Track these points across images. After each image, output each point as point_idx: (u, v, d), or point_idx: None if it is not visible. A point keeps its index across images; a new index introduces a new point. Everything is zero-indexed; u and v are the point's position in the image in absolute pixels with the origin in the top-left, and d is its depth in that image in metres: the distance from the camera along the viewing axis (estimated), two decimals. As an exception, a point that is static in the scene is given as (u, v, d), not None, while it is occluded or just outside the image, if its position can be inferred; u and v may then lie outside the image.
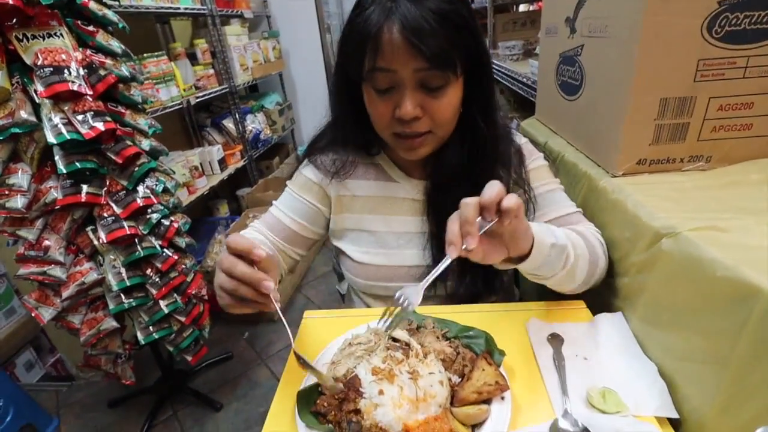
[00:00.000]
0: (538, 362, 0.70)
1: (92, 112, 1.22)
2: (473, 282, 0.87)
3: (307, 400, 0.61)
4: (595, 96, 0.92)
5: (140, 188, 1.38)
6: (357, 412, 0.60)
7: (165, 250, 1.47)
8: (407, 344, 0.70)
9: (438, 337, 0.71)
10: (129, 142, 1.32)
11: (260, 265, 0.59)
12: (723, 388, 0.54)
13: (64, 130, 1.18)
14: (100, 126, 1.21)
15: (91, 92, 1.23)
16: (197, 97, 2.30)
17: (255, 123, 2.98)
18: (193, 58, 2.47)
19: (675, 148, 0.82)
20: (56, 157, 1.21)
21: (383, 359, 0.63)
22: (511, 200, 0.55)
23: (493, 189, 0.55)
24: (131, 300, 1.41)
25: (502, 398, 0.60)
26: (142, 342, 1.47)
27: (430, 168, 0.87)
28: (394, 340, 0.71)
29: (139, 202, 1.35)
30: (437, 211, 0.87)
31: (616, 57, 0.79)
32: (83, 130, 1.19)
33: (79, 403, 1.94)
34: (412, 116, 0.71)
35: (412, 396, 0.59)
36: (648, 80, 0.75)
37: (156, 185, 1.42)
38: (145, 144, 1.41)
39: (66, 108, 1.20)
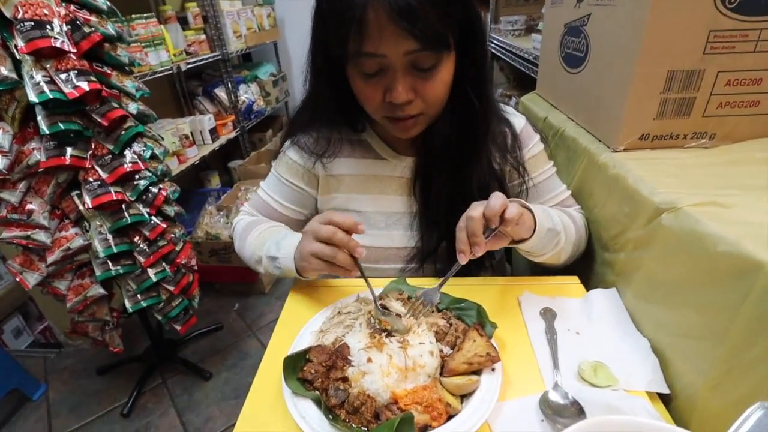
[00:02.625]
0: (530, 336, 0.69)
1: (76, 71, 1.17)
2: None
3: (294, 366, 0.60)
4: (600, 68, 0.89)
5: (127, 153, 1.34)
6: (345, 379, 0.59)
7: (153, 217, 1.44)
8: (399, 315, 0.68)
9: (432, 309, 0.70)
10: (115, 105, 1.27)
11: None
12: (717, 364, 0.53)
13: (46, 89, 1.13)
14: (84, 86, 1.16)
15: (74, 50, 1.18)
16: (188, 63, 2.23)
17: (248, 93, 2.91)
18: (184, 23, 2.39)
19: (679, 123, 0.80)
20: (39, 117, 1.16)
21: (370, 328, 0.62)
22: (513, 211, 0.61)
23: (496, 201, 0.61)
24: (118, 267, 1.39)
25: (493, 370, 0.59)
26: (130, 310, 1.45)
27: (419, 143, 0.83)
28: (385, 309, 0.70)
29: (126, 167, 1.31)
30: (425, 189, 0.84)
31: (624, 26, 0.76)
32: (66, 89, 1.14)
33: (68, 370, 1.94)
34: (404, 100, 0.67)
35: (401, 365, 0.57)
36: (656, 51, 0.72)
37: (143, 151, 1.38)
38: (132, 107, 1.36)
39: (48, 66, 1.15)
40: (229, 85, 2.69)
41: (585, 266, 0.90)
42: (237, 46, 2.72)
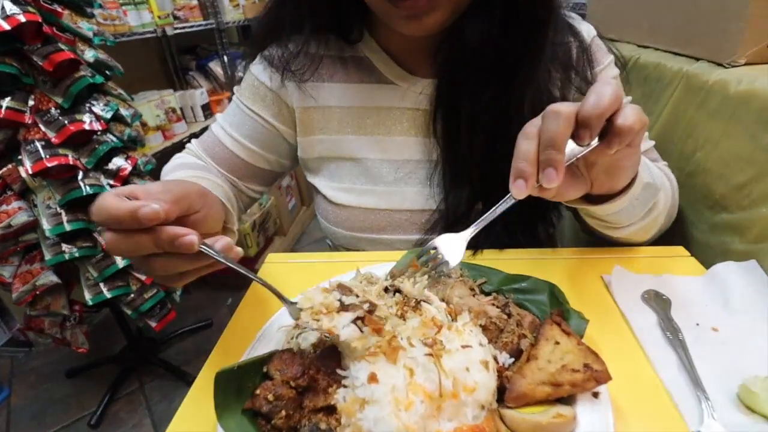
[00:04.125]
0: (637, 334, 0.43)
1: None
2: (508, 232, 0.59)
3: (239, 388, 0.34)
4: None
5: (83, 110, 1.10)
6: (329, 410, 0.33)
7: (118, 191, 1.19)
8: (419, 302, 0.42)
9: (473, 290, 0.44)
10: (63, 47, 1.03)
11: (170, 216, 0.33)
12: None
13: (-32, 19, 0.89)
14: (20, 17, 0.92)
15: (9, -25, 0.94)
16: (176, 28, 1.98)
17: (246, 69, 2.67)
18: (172, -15, 2.15)
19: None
20: (-38, 58, 0.92)
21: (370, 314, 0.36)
22: (631, 116, 0.34)
23: (604, 94, 0.33)
24: (74, 250, 1.14)
25: (595, 395, 0.33)
26: (90, 302, 1.21)
27: (442, 55, 0.56)
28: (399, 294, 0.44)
29: (79, 125, 1.07)
30: (450, 126, 0.57)
31: None
32: (-5, 21, 0.90)
33: (35, 372, 1.71)
34: None
35: (432, 388, 0.31)
36: None
37: (105, 109, 1.14)
38: (89, 55, 1.12)
39: (-27, -8, 0.91)
40: (225, 59, 2.44)
41: (681, 239, 0.63)
42: (234, 16, 2.46)
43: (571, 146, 0.34)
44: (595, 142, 0.34)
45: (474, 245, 0.58)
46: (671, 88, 0.68)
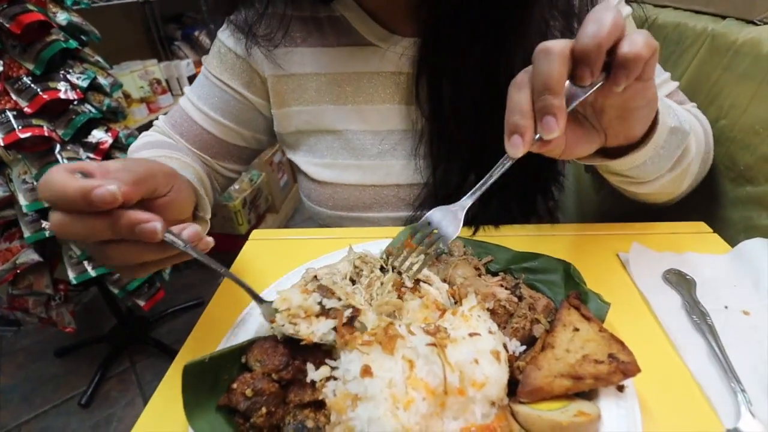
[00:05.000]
0: (659, 318, 0.38)
1: (-31, -46, 0.85)
2: (503, 205, 0.54)
3: (213, 382, 0.30)
4: None
5: (57, 78, 1.03)
6: (317, 405, 0.29)
7: (99, 165, 1.13)
8: (419, 281, 0.38)
9: (478, 270, 0.39)
10: (32, 8, 0.95)
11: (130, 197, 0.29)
12: None
13: None
14: (-20, -27, 0.85)
15: (-32, -74, 0.86)
16: (159, -7, 1.88)
17: (236, 40, 2.56)
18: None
19: None
20: None
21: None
22: (638, 42, 0.28)
23: (603, 21, 0.28)
24: (54, 227, 1.09)
25: (621, 389, 0.29)
26: (74, 281, 1.16)
27: (426, 9, 0.49)
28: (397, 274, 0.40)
29: (53, 94, 1.00)
30: (434, 90, 0.51)
31: None
32: (-47, -24, 0.83)
33: (24, 351, 1.67)
34: None
35: (435, 382, 0.27)
36: None
37: (80, 77, 1.07)
38: (61, 17, 1.04)
39: (-72, -55, 0.83)
40: (213, 27, 2.34)
41: (699, 214, 0.58)
42: (221, -18, 2.35)
43: (570, 90, 0.30)
44: (599, 81, 0.30)
45: (470, 222, 0.53)
46: (693, 50, 0.62)
